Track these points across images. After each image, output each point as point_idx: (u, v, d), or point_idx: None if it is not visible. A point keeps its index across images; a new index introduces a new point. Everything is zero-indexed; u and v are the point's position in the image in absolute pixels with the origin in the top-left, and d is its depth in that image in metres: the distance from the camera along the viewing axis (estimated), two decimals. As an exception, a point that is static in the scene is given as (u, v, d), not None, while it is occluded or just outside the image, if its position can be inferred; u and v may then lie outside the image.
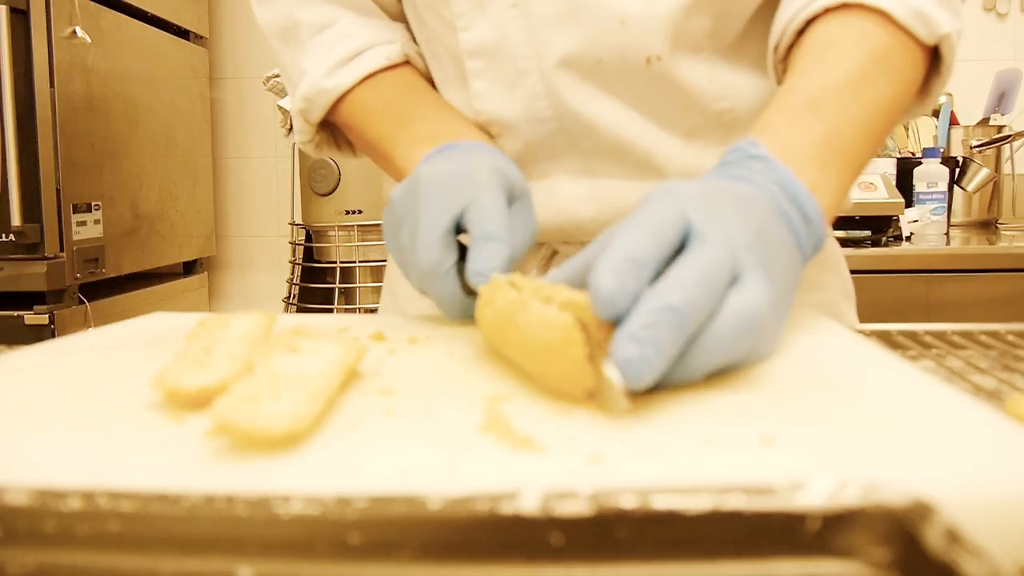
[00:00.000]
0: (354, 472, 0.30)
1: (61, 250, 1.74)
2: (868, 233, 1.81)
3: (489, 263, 0.51)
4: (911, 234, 1.92)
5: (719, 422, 0.34)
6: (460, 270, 0.54)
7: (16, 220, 1.65)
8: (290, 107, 0.73)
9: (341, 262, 2.03)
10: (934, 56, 0.60)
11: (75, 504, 0.24)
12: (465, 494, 0.24)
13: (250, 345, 0.43)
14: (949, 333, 0.59)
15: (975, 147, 2.05)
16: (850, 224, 1.80)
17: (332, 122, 0.74)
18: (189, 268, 2.41)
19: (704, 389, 0.39)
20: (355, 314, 1.91)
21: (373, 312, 1.98)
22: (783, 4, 0.61)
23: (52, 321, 1.71)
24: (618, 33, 0.63)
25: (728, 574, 0.23)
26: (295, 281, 2.12)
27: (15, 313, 1.71)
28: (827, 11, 0.57)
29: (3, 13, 1.60)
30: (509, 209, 0.56)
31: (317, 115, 0.71)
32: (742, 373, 0.42)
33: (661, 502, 0.23)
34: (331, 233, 2.04)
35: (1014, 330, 0.59)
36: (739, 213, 0.44)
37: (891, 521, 0.23)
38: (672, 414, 0.36)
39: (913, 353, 0.55)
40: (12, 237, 1.68)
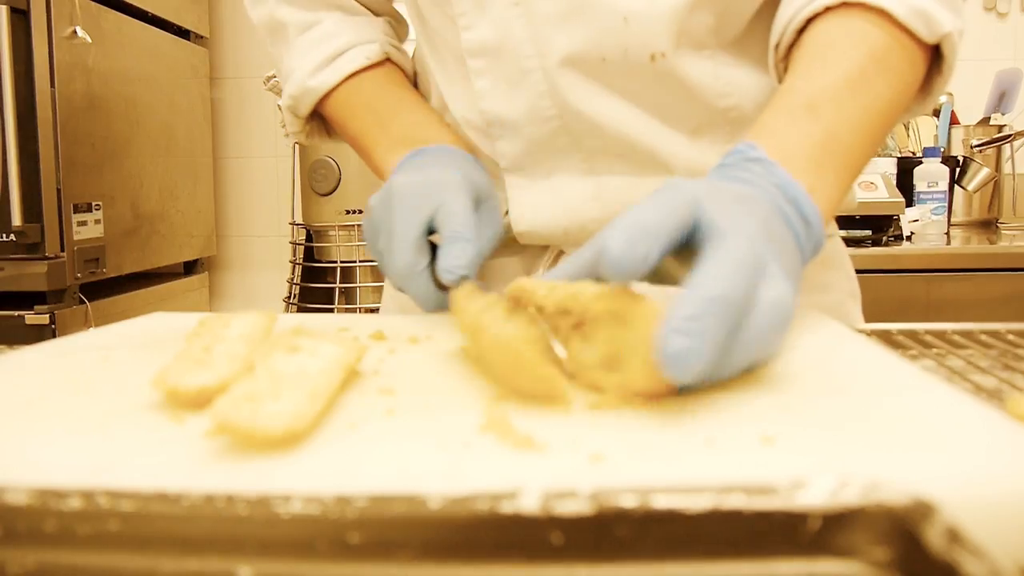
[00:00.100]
0: (354, 472, 0.30)
1: (62, 250, 1.74)
2: (868, 232, 1.81)
3: (456, 261, 0.56)
4: (911, 233, 1.92)
5: (719, 422, 0.34)
6: (434, 269, 0.59)
7: (17, 220, 1.65)
8: (280, 102, 0.76)
9: (341, 262, 2.03)
10: (935, 55, 0.60)
11: (75, 504, 0.24)
12: (465, 494, 0.24)
13: (250, 345, 0.43)
14: (949, 332, 0.59)
15: (975, 147, 2.05)
16: (850, 224, 1.80)
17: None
18: (190, 268, 2.41)
19: (704, 389, 0.39)
20: (355, 314, 1.91)
21: (373, 312, 1.98)
22: (784, 2, 0.61)
23: (53, 321, 1.71)
24: (621, 31, 0.62)
25: (728, 574, 0.23)
26: (295, 281, 2.12)
27: (16, 313, 1.71)
28: (827, 10, 0.57)
29: (4, 13, 1.60)
30: (476, 211, 0.62)
31: (304, 111, 0.75)
32: (742, 373, 0.42)
33: (661, 501, 0.23)
34: (331, 233, 2.04)
35: (1014, 329, 0.59)
36: (747, 211, 0.44)
37: (892, 520, 0.23)
38: (672, 414, 0.36)
39: (913, 352, 0.55)
40: (13, 237, 1.68)
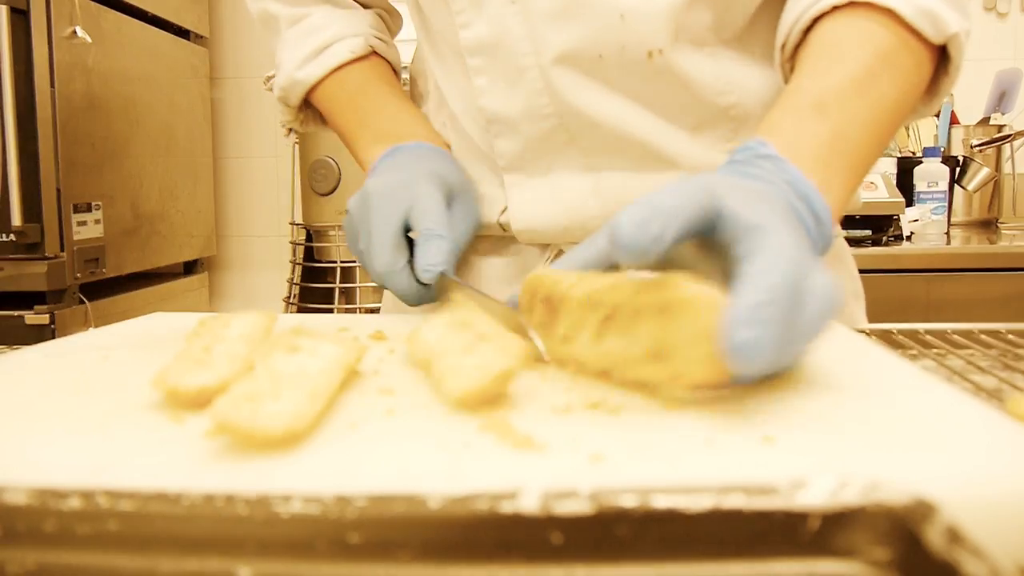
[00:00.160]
0: (354, 472, 0.30)
1: (61, 250, 1.74)
2: (869, 232, 1.81)
3: (432, 259, 0.58)
4: (911, 233, 1.92)
5: (719, 422, 0.34)
6: (413, 265, 0.61)
7: (16, 220, 1.65)
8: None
9: (341, 262, 2.03)
10: (941, 56, 0.59)
11: (75, 503, 0.24)
12: (465, 493, 0.24)
13: (250, 345, 0.43)
14: (949, 332, 0.59)
15: (975, 146, 2.05)
16: (850, 223, 1.80)
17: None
18: (189, 268, 2.41)
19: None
20: (355, 314, 1.91)
21: (373, 312, 1.98)
22: (790, 2, 0.61)
23: (52, 321, 1.71)
24: (618, 27, 0.62)
25: (728, 574, 0.23)
26: (295, 281, 2.12)
27: (15, 313, 1.70)
28: (835, 9, 0.57)
29: (3, 13, 1.60)
30: (451, 205, 0.64)
31: (294, 102, 0.78)
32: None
33: (661, 501, 0.23)
34: (331, 233, 2.04)
35: (1014, 329, 0.59)
36: (768, 206, 0.43)
37: (892, 520, 0.23)
38: (672, 414, 0.36)
39: (913, 352, 0.55)
40: (12, 237, 1.68)
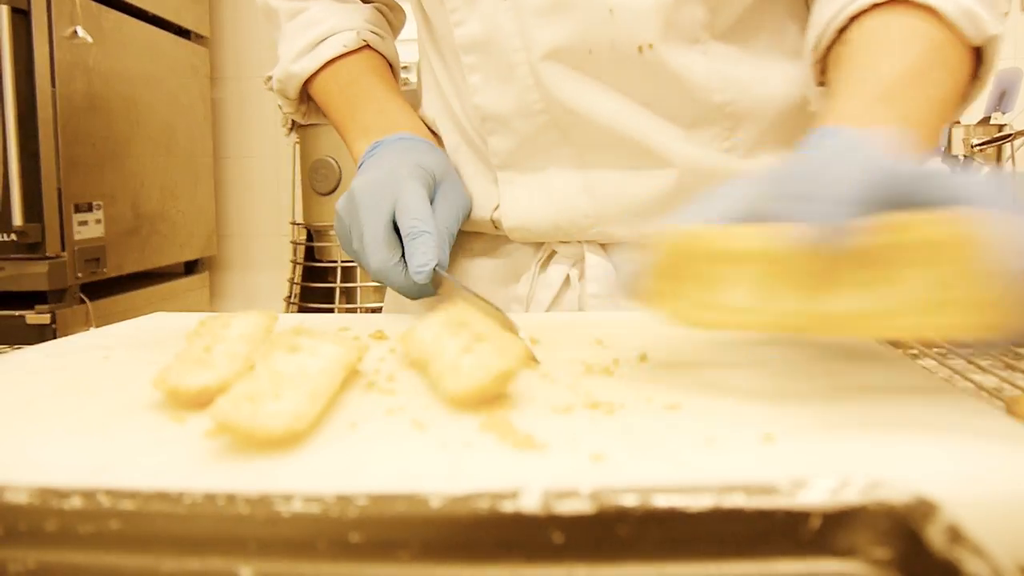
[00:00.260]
0: (355, 471, 0.30)
1: (62, 250, 1.74)
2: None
3: (421, 259, 0.59)
4: (912, 233, 1.91)
5: (720, 421, 0.34)
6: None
7: (17, 220, 1.65)
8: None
9: (342, 262, 2.03)
10: (974, 58, 0.58)
11: (76, 503, 0.24)
12: (466, 493, 0.24)
13: (251, 344, 0.43)
14: (950, 332, 0.59)
15: (976, 146, 2.04)
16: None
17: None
18: (190, 268, 2.41)
19: (705, 388, 0.39)
20: (356, 313, 1.91)
21: (374, 311, 1.98)
22: (820, 2, 0.60)
23: (54, 321, 1.71)
24: (607, 22, 0.62)
25: (729, 573, 0.23)
26: (296, 280, 2.12)
27: (17, 313, 1.70)
28: (874, 7, 0.56)
29: (4, 13, 1.60)
30: (435, 194, 0.66)
31: (292, 95, 0.79)
32: (743, 372, 0.42)
33: (662, 501, 0.23)
34: (332, 232, 2.04)
35: (1015, 329, 0.59)
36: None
37: (893, 519, 0.23)
38: (673, 413, 0.36)
39: (914, 351, 0.55)
40: (14, 237, 1.68)
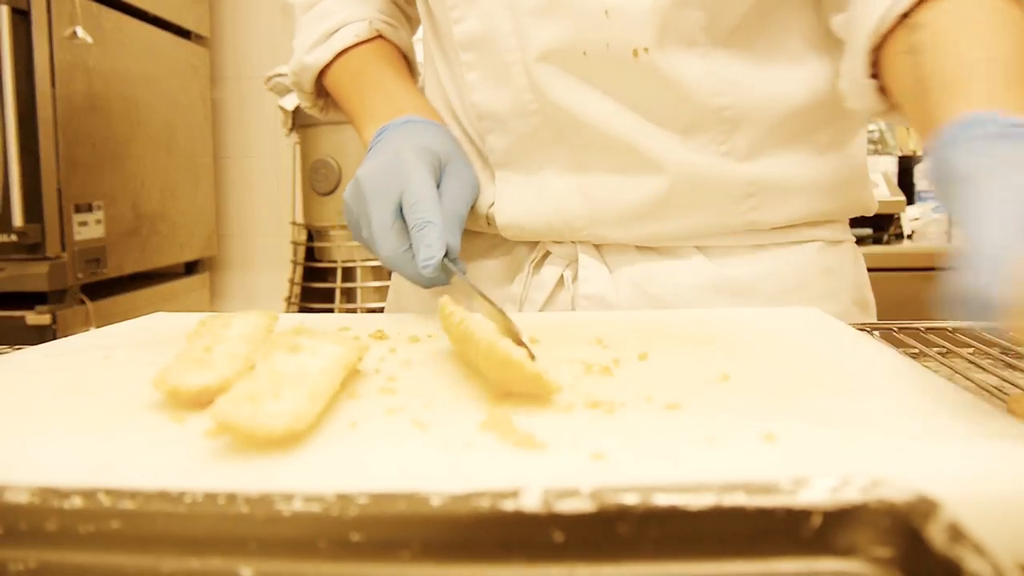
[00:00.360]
0: (355, 471, 0.30)
1: (63, 250, 1.74)
2: (870, 231, 1.81)
3: (427, 252, 0.58)
4: (912, 232, 1.91)
5: (721, 420, 0.34)
6: None
7: (18, 220, 1.65)
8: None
9: (342, 262, 2.03)
10: None
11: (76, 503, 0.24)
12: (466, 492, 0.24)
13: (251, 344, 0.43)
14: (951, 330, 0.59)
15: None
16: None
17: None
18: (190, 268, 2.41)
19: (706, 387, 0.39)
20: (356, 314, 1.91)
21: (374, 312, 1.98)
22: None
23: (54, 321, 1.71)
24: (602, 24, 0.62)
25: (730, 572, 0.23)
26: (296, 281, 2.12)
27: (17, 313, 1.71)
28: None
29: (4, 13, 1.60)
30: (442, 176, 0.65)
31: (307, 87, 0.79)
32: (744, 371, 0.42)
33: (663, 499, 0.23)
34: (332, 232, 2.04)
35: (1016, 327, 0.59)
36: None
37: (894, 517, 0.23)
38: (674, 412, 0.36)
39: (915, 350, 0.55)
40: (14, 237, 1.68)
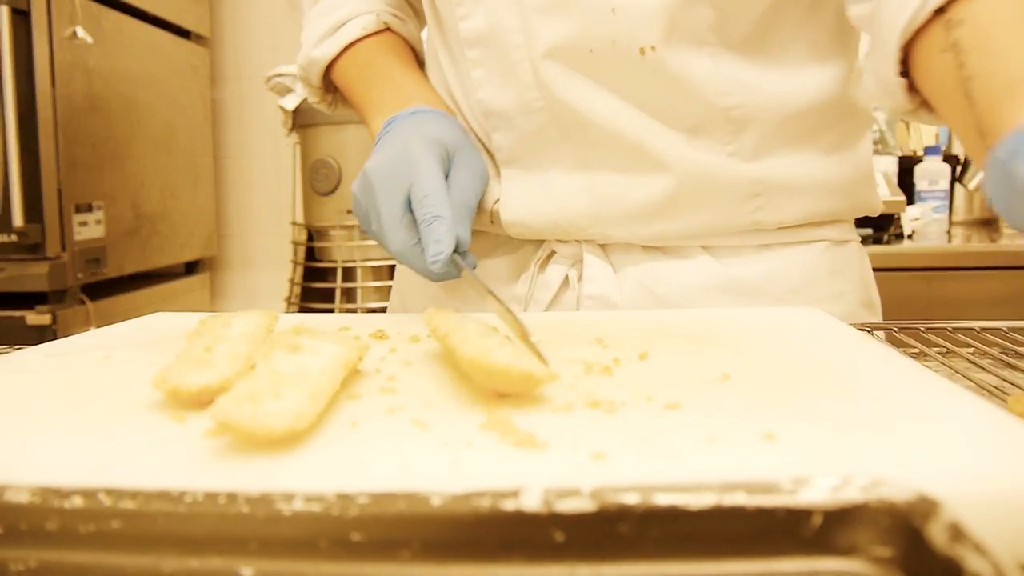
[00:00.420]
0: (356, 471, 0.30)
1: (63, 250, 1.74)
2: (870, 231, 1.80)
3: (436, 247, 0.58)
4: (912, 232, 1.91)
5: (721, 419, 0.34)
6: None
7: (18, 220, 1.65)
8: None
9: (343, 262, 2.03)
10: None
11: (77, 502, 0.24)
12: (467, 491, 0.24)
13: (251, 344, 0.43)
14: (951, 330, 0.59)
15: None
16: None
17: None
18: (191, 268, 2.41)
19: (706, 387, 0.39)
20: (356, 313, 1.91)
21: (374, 312, 1.98)
22: None
23: (54, 321, 1.71)
24: (609, 21, 0.62)
25: (731, 571, 0.23)
26: (296, 281, 2.12)
27: (17, 313, 1.71)
28: None
29: (4, 13, 1.60)
30: (451, 166, 0.64)
31: (315, 81, 0.78)
32: (744, 370, 0.42)
33: (663, 499, 0.23)
34: (332, 232, 2.04)
35: (1015, 327, 0.59)
36: None
37: (894, 517, 0.23)
38: (674, 412, 0.36)
39: (915, 350, 0.55)
40: (14, 237, 1.68)
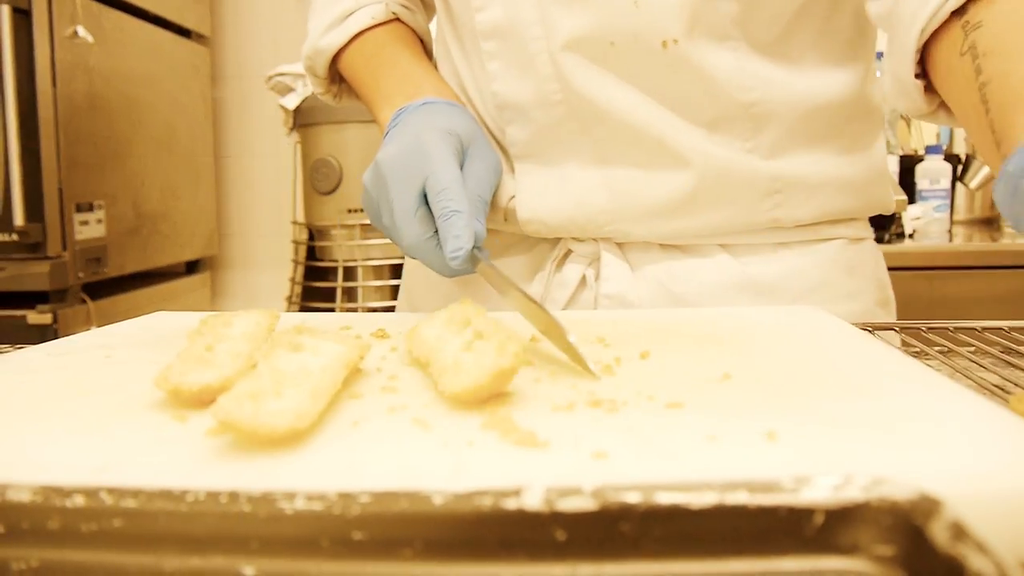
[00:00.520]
0: (357, 469, 0.30)
1: (64, 249, 1.74)
2: (871, 230, 1.80)
3: (455, 243, 0.55)
4: (914, 231, 1.91)
5: (723, 418, 0.34)
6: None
7: (19, 220, 1.65)
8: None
9: (343, 261, 2.03)
10: None
11: (79, 501, 0.24)
12: (468, 490, 0.24)
13: (253, 343, 0.43)
14: (952, 329, 0.59)
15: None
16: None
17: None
18: (192, 267, 2.42)
19: (708, 386, 0.39)
20: (357, 312, 1.91)
21: (375, 311, 1.98)
22: None
23: (55, 321, 1.72)
24: (632, 14, 0.61)
25: (732, 570, 0.23)
26: (297, 280, 2.12)
27: (18, 313, 1.71)
28: None
29: (5, 13, 1.60)
30: (465, 157, 0.62)
31: (321, 71, 0.76)
32: (745, 370, 0.42)
33: (665, 498, 0.23)
34: (333, 231, 2.03)
35: (1017, 326, 0.59)
36: None
37: (896, 516, 0.23)
38: (676, 411, 0.36)
39: (916, 349, 0.55)
40: (15, 237, 1.68)
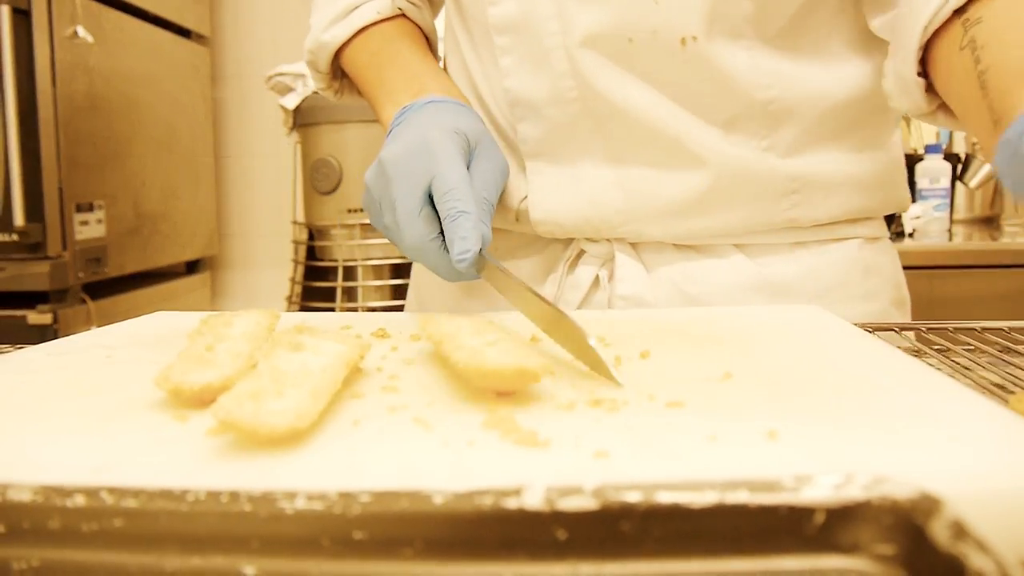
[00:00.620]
0: (358, 469, 0.30)
1: (64, 250, 1.74)
2: (871, 230, 1.80)
3: (462, 245, 0.54)
4: (913, 230, 1.91)
5: (723, 418, 0.34)
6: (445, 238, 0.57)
7: (19, 220, 1.65)
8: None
9: (343, 261, 2.03)
10: None
11: (79, 501, 0.24)
12: (469, 490, 0.24)
13: (253, 343, 0.43)
14: (952, 329, 0.59)
15: (977, 143, 2.04)
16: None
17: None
18: (192, 267, 2.42)
19: (708, 385, 0.39)
20: (358, 312, 1.91)
21: (375, 311, 1.98)
22: None
23: (55, 321, 1.71)
24: (651, 11, 0.61)
25: (733, 569, 0.23)
26: (297, 280, 2.12)
27: (18, 313, 1.71)
28: None
29: (5, 13, 1.60)
30: (471, 157, 0.60)
31: (323, 67, 0.75)
32: (746, 369, 0.42)
33: (666, 497, 0.23)
34: (333, 231, 2.03)
35: (1017, 326, 0.59)
36: None
37: (897, 515, 0.23)
38: (676, 410, 0.36)
39: (916, 349, 0.55)
40: (15, 237, 1.68)
